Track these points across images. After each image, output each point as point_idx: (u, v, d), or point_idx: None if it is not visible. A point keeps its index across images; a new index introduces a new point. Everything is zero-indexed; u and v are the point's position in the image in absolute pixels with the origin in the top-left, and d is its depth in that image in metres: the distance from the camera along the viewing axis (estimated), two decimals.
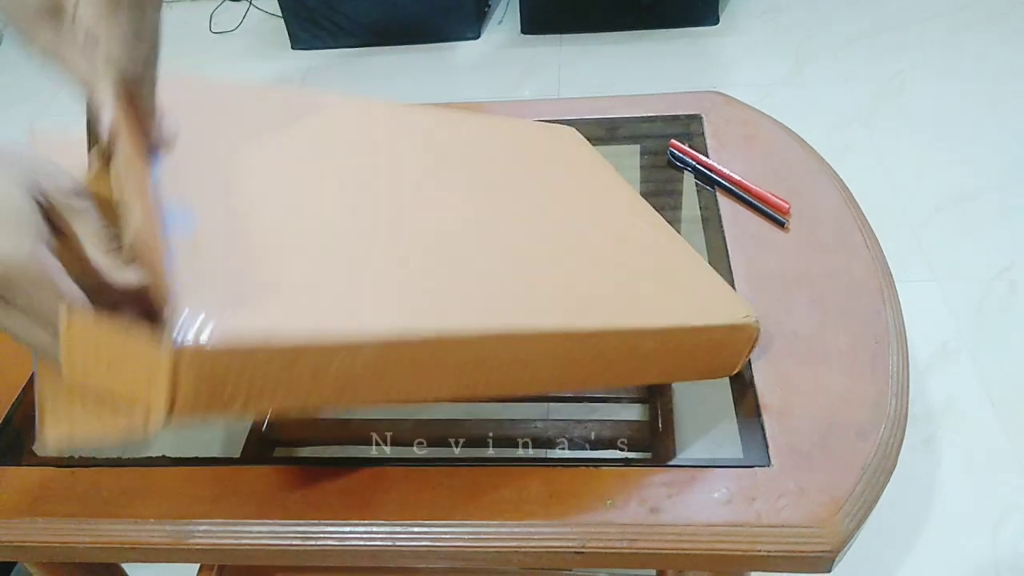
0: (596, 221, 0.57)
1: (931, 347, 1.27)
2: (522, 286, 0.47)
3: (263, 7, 2.35)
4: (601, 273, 0.51)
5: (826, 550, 0.45)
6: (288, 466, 0.51)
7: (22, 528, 0.49)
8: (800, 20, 2.10)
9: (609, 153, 0.75)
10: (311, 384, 0.39)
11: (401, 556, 0.47)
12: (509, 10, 2.24)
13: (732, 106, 0.78)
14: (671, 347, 0.49)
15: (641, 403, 0.55)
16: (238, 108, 0.55)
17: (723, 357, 0.52)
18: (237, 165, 0.49)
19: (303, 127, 0.56)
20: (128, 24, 0.40)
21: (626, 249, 0.54)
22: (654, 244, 0.56)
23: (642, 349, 0.48)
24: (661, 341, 0.48)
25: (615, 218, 0.58)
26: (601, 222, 0.57)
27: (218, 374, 0.36)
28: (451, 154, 0.60)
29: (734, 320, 0.50)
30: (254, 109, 0.56)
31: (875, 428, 0.50)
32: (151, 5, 0.41)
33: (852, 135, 1.70)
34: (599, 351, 0.47)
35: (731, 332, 0.50)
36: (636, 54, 2.03)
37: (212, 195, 0.45)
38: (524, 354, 0.45)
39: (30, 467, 0.52)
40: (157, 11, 0.42)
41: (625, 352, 0.48)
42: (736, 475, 0.48)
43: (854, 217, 0.65)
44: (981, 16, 2.03)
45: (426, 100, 0.69)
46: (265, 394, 0.38)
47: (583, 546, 0.46)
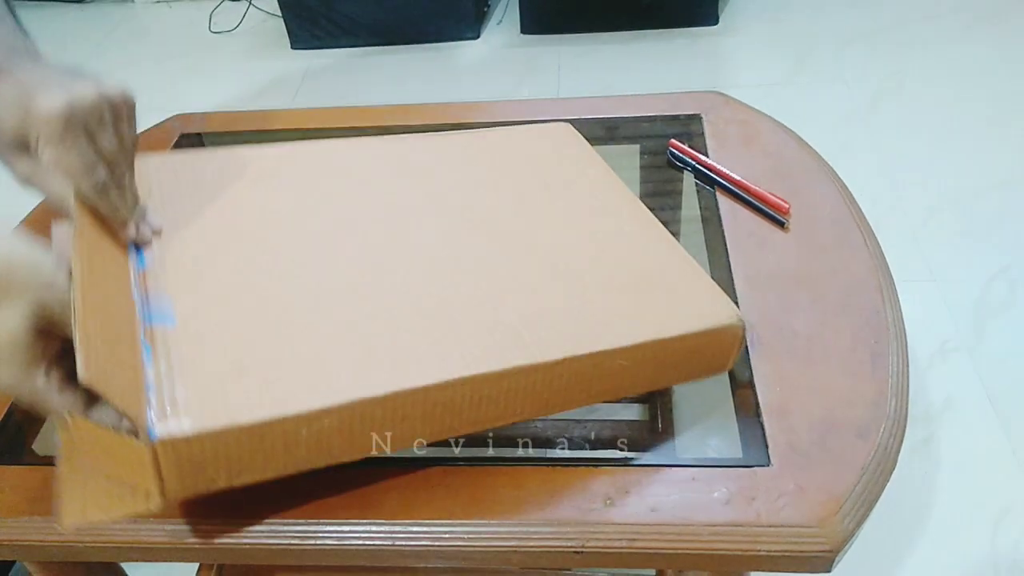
0: (581, 230, 0.57)
1: (931, 347, 1.27)
2: (493, 322, 0.48)
3: (263, 7, 2.35)
4: (582, 291, 0.51)
5: (826, 550, 0.45)
6: None
7: (21, 527, 0.49)
8: (800, 20, 2.10)
9: (609, 153, 0.75)
10: (285, 453, 0.43)
11: (400, 556, 0.47)
12: (508, 10, 2.24)
13: (732, 106, 0.78)
14: (653, 359, 0.49)
15: (640, 403, 0.55)
16: (209, 180, 0.58)
17: (711, 359, 0.52)
18: (213, 242, 0.52)
19: (275, 185, 0.58)
20: (78, 156, 0.46)
21: (610, 258, 0.54)
22: (638, 248, 0.55)
23: (622, 366, 0.48)
24: (640, 356, 0.48)
25: (601, 223, 0.58)
26: (586, 230, 0.57)
27: (196, 458, 0.41)
28: (432, 184, 0.60)
29: (716, 323, 0.49)
30: (224, 177, 0.58)
31: (875, 428, 0.50)
32: (107, 135, 0.47)
33: (852, 135, 1.70)
34: (577, 376, 0.48)
35: (714, 335, 0.50)
36: (636, 54, 2.03)
37: (187, 281, 0.49)
38: (494, 391, 0.46)
39: (29, 466, 0.52)
40: (116, 135, 0.48)
41: (607, 372, 0.48)
42: (736, 475, 0.48)
43: (853, 217, 0.65)
44: (980, 16, 2.03)
45: (425, 100, 0.69)
46: (244, 469, 0.43)
47: (583, 546, 0.46)
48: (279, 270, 0.51)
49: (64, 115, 0.45)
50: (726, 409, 0.52)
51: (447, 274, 0.52)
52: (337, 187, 0.59)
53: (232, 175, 0.58)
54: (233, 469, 0.42)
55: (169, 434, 0.40)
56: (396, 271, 0.52)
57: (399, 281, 0.51)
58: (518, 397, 0.47)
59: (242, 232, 0.54)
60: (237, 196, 0.57)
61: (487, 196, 0.59)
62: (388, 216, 0.56)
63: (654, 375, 0.50)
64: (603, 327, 0.48)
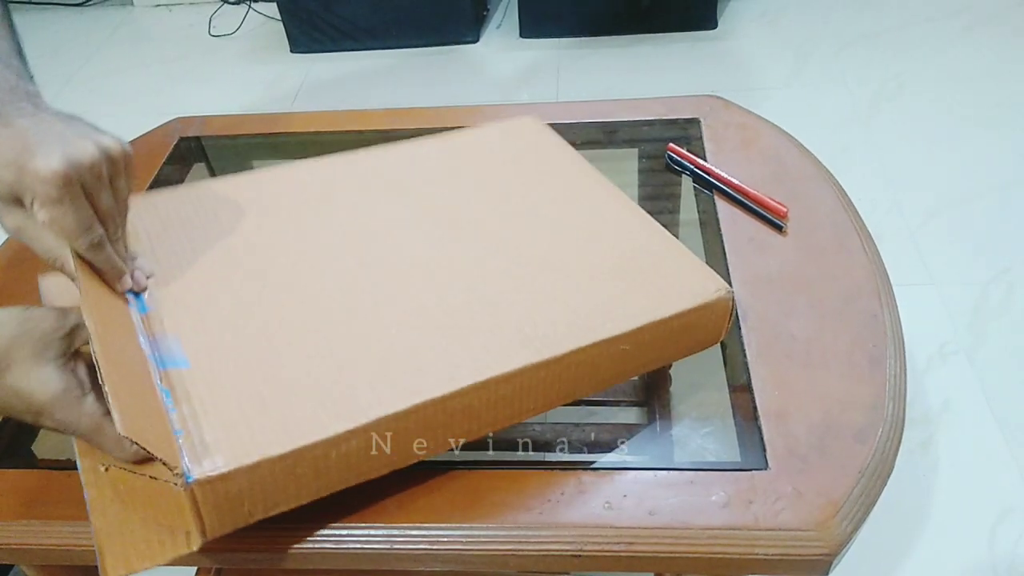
0: (563, 221, 0.58)
1: (929, 350, 1.27)
2: (496, 324, 0.49)
3: (262, 11, 2.35)
4: (576, 283, 0.52)
5: (823, 553, 0.45)
6: None
7: (19, 530, 0.49)
8: (798, 24, 2.10)
9: (607, 156, 0.75)
10: (316, 479, 0.45)
11: (399, 559, 0.47)
12: (508, 14, 2.24)
13: (730, 110, 0.79)
14: (652, 339, 0.50)
15: (639, 406, 0.55)
16: (193, 217, 0.58)
17: (704, 332, 0.53)
18: (208, 278, 0.53)
19: (259, 213, 0.59)
20: (75, 217, 0.46)
21: (596, 246, 0.55)
22: (621, 232, 0.57)
23: (624, 350, 0.49)
24: (640, 338, 0.50)
25: (581, 211, 0.59)
26: (568, 221, 0.58)
27: (232, 495, 0.42)
28: (412, 195, 0.61)
29: (706, 299, 0.51)
30: (206, 211, 0.59)
31: (873, 431, 0.50)
32: (104, 194, 0.47)
33: (850, 138, 1.70)
34: (584, 366, 0.49)
35: (707, 309, 0.51)
36: (635, 58, 2.03)
37: (191, 320, 0.50)
38: (508, 391, 0.47)
39: (28, 470, 0.52)
40: (113, 192, 0.48)
41: (611, 357, 0.49)
42: (734, 478, 0.48)
43: (852, 220, 0.65)
44: (979, 18, 2.03)
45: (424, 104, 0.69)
46: (279, 498, 0.44)
47: (581, 549, 0.46)
48: (279, 298, 0.52)
49: (62, 177, 0.44)
50: (724, 413, 0.52)
51: (444, 282, 0.52)
52: (319, 209, 0.60)
53: (213, 208, 0.59)
54: (269, 500, 0.44)
55: (205, 475, 0.41)
56: (393, 285, 0.52)
57: (398, 295, 0.52)
58: (531, 393, 0.48)
59: (235, 264, 0.54)
60: (222, 229, 0.57)
61: (468, 199, 0.60)
62: (375, 232, 0.57)
63: (655, 354, 0.52)
64: (602, 316, 0.49)
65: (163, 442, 0.42)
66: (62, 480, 0.51)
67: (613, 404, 0.55)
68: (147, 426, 0.41)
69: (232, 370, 0.47)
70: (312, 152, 0.66)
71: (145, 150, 0.81)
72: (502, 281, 0.52)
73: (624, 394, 0.56)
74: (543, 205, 0.59)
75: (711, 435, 0.51)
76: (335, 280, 0.53)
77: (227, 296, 0.52)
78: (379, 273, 0.53)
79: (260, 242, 0.56)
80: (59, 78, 2.21)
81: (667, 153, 0.73)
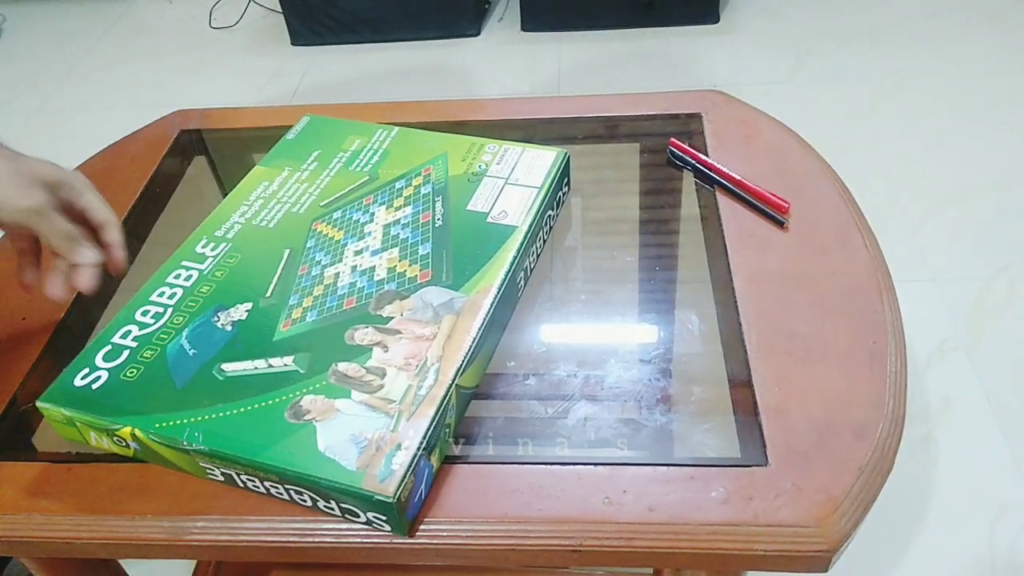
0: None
1: (929, 346, 1.27)
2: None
3: (263, 3, 2.35)
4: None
5: (823, 550, 0.45)
6: None
7: (19, 523, 0.49)
8: (800, 19, 2.10)
9: (609, 151, 0.75)
10: None
11: (398, 553, 0.47)
12: (509, 7, 2.24)
13: (732, 105, 0.78)
14: None
15: (638, 402, 0.55)
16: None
17: None
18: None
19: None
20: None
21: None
22: None
23: None
24: None
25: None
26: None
27: None
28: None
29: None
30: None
31: (873, 428, 0.50)
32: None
33: (852, 134, 1.70)
34: None
35: None
36: (636, 52, 2.02)
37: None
38: None
39: (28, 462, 0.52)
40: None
41: None
42: (733, 474, 0.48)
43: (853, 216, 0.65)
44: (980, 15, 2.03)
45: (425, 97, 0.69)
46: None
47: (580, 544, 0.46)
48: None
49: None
50: (724, 408, 0.52)
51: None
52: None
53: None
54: None
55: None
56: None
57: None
58: None
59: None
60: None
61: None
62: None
63: None
64: None
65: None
66: (62, 473, 0.51)
67: (613, 400, 0.55)
68: None
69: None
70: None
71: (145, 143, 0.81)
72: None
73: (623, 391, 0.56)
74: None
75: (711, 431, 0.51)
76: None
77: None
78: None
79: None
80: (60, 70, 2.21)
81: (668, 148, 0.73)
